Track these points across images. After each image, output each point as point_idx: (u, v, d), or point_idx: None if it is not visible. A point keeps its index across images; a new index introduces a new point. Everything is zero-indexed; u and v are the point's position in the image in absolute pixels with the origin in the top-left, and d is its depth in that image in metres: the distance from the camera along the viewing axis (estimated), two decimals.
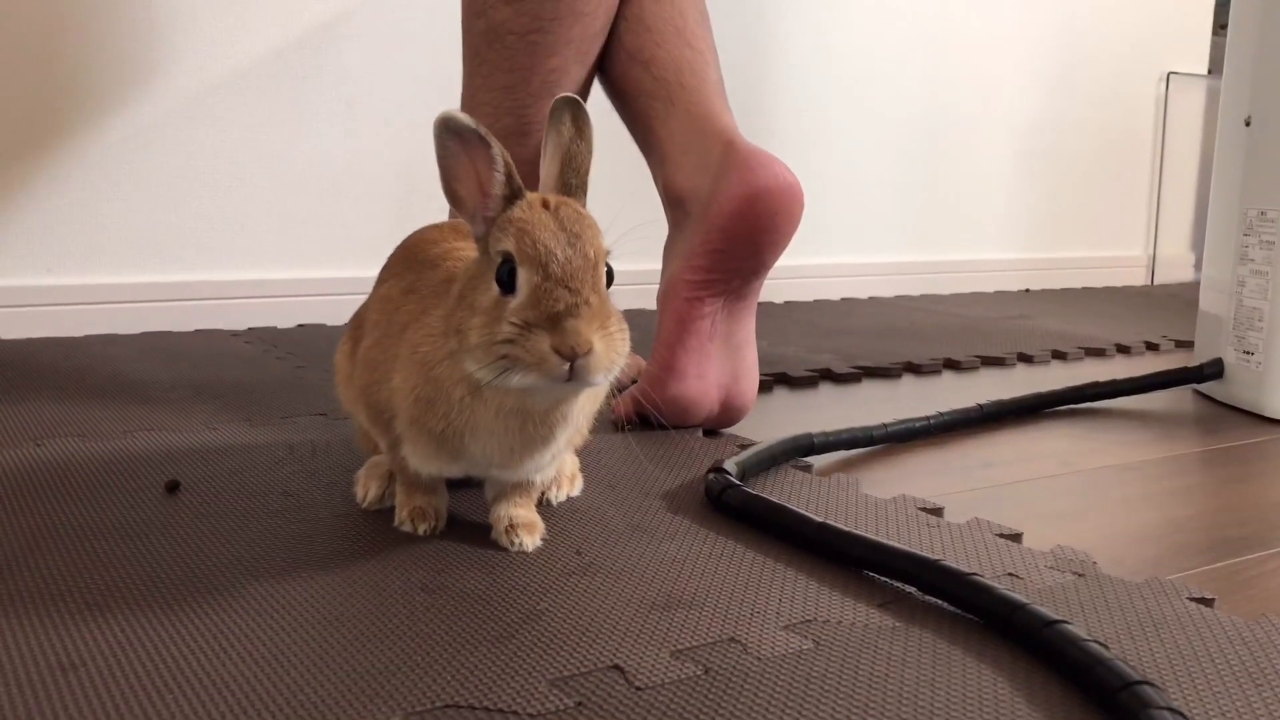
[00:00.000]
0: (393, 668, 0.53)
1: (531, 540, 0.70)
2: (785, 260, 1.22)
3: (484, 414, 0.63)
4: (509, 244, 0.60)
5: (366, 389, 0.72)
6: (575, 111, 0.66)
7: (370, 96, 1.61)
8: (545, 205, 0.62)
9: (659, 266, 1.05)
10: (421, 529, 0.72)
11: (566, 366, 0.57)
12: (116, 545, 0.68)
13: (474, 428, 0.64)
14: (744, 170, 0.94)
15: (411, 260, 0.74)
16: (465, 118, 0.59)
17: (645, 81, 1.02)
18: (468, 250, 0.70)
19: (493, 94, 1.00)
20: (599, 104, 1.08)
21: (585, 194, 0.65)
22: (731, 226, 0.94)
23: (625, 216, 0.66)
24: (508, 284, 0.59)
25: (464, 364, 0.61)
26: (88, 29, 1.42)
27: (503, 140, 0.99)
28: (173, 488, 0.80)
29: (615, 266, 0.64)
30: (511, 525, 0.70)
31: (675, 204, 1.01)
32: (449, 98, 1.05)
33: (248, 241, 1.56)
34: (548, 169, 0.65)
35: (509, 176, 0.61)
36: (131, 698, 0.49)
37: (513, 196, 0.61)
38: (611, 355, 0.59)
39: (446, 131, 0.60)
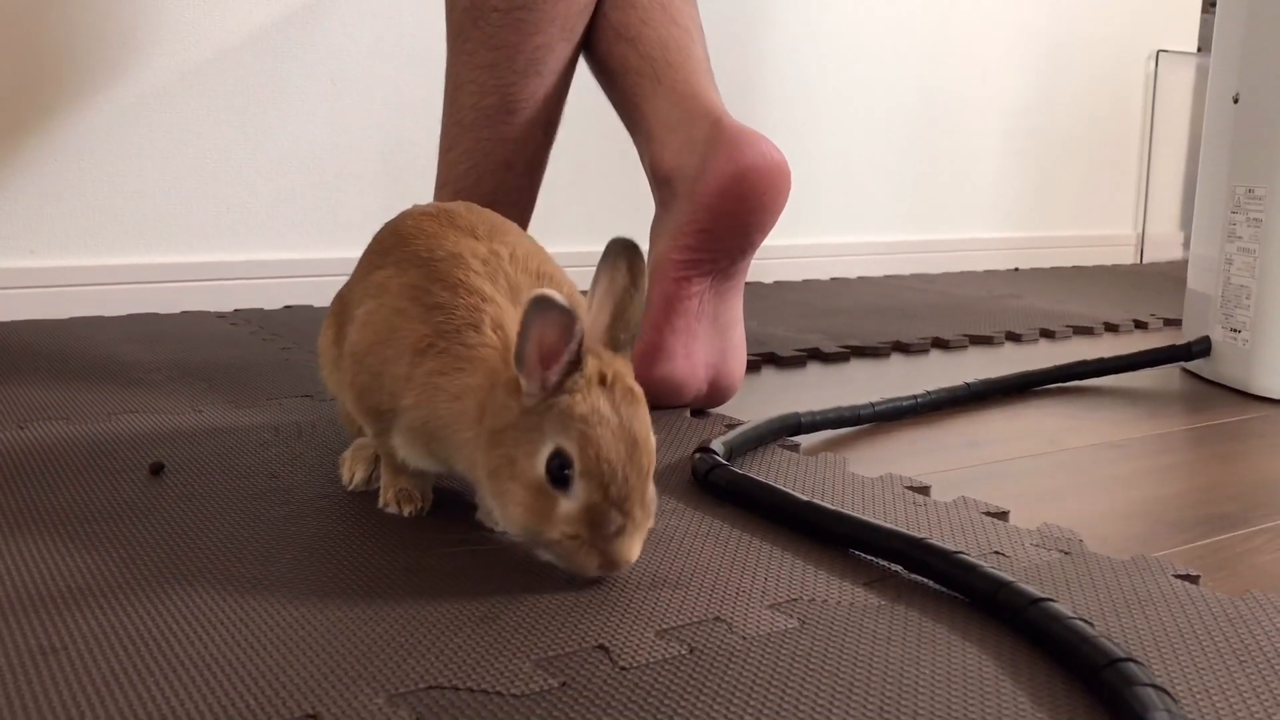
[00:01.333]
0: (377, 649, 0.53)
1: None
2: (774, 240, 1.22)
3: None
4: (570, 445, 0.59)
5: (362, 392, 0.71)
6: (632, 259, 0.63)
7: (355, 75, 1.60)
8: (602, 381, 0.60)
9: (645, 246, 1.05)
10: (407, 510, 0.72)
11: (602, 573, 0.61)
12: (100, 528, 0.68)
13: (469, 469, 0.66)
14: (731, 149, 0.93)
15: (412, 255, 0.72)
16: (558, 297, 0.57)
17: (631, 59, 1.01)
18: (475, 270, 0.69)
19: (477, 72, 0.99)
20: (585, 81, 1.07)
21: (633, 345, 0.64)
22: (718, 205, 0.94)
23: (612, 195, 0.66)
24: (559, 482, 0.59)
25: (498, 517, 0.64)
26: (69, 10, 1.41)
27: (487, 119, 1.00)
28: (157, 470, 0.79)
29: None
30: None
31: (662, 183, 1.00)
32: (434, 76, 1.04)
33: (233, 222, 1.55)
34: (596, 316, 0.63)
35: (579, 350, 0.59)
36: (114, 681, 0.49)
37: (574, 365, 0.60)
38: (635, 555, 0.61)
39: (540, 309, 0.58)
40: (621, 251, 0.63)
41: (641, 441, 0.60)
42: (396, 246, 0.74)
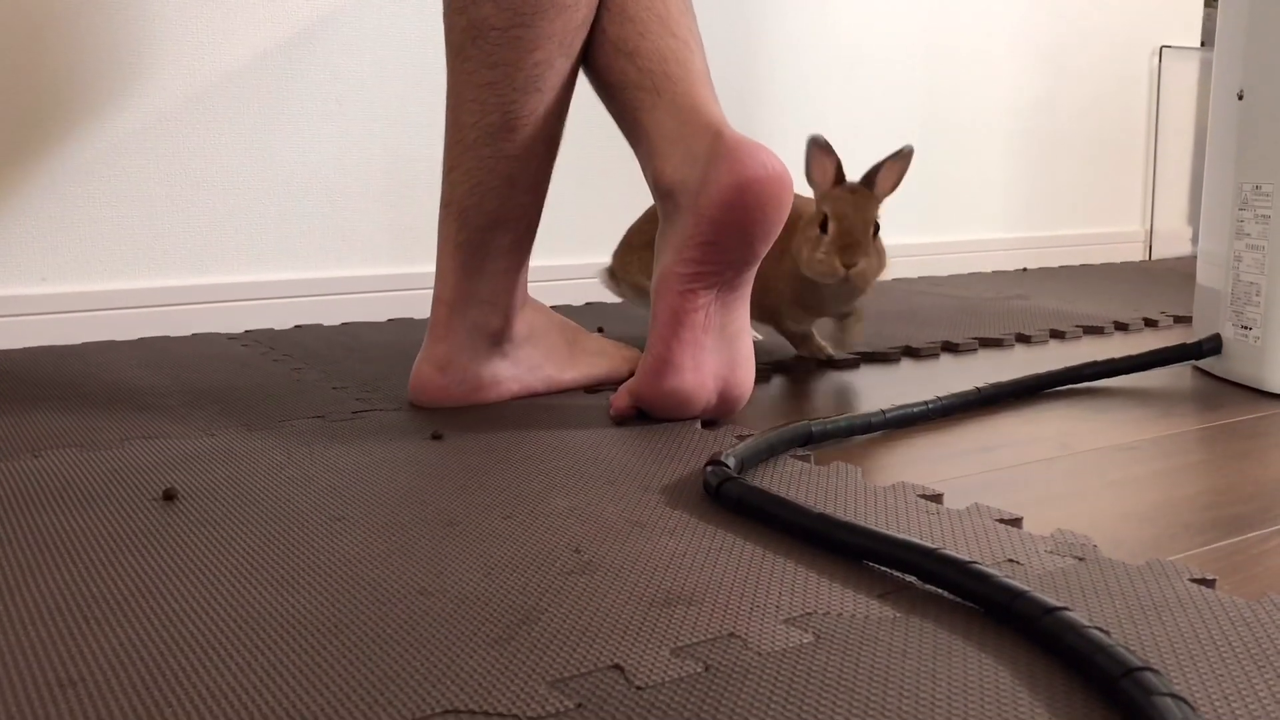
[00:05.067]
0: (392, 674, 0.53)
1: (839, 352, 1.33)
2: None
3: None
4: (827, 207, 1.17)
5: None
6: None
7: (359, 95, 1.61)
8: (850, 189, 1.19)
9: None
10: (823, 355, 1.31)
11: (844, 272, 1.17)
12: (114, 556, 0.68)
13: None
14: (731, 160, 0.93)
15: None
16: (824, 139, 1.16)
17: (630, 73, 1.01)
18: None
19: (478, 90, 0.99)
20: (586, 95, 1.07)
21: (873, 183, 1.21)
22: (721, 218, 0.94)
23: (616, 209, 0.66)
24: (823, 228, 1.17)
25: (798, 262, 1.20)
26: (73, 34, 1.42)
27: (489, 137, 1.01)
28: (170, 496, 0.80)
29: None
30: (818, 344, 1.34)
31: (665, 196, 1.00)
32: (437, 94, 1.05)
33: (242, 244, 1.56)
34: (870, 172, 1.20)
35: (838, 172, 1.19)
36: (131, 713, 0.49)
37: (837, 181, 1.19)
38: (871, 271, 1.19)
39: (812, 146, 1.18)
40: (904, 153, 1.24)
41: (865, 209, 1.18)
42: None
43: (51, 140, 1.43)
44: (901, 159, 1.20)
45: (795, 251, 1.18)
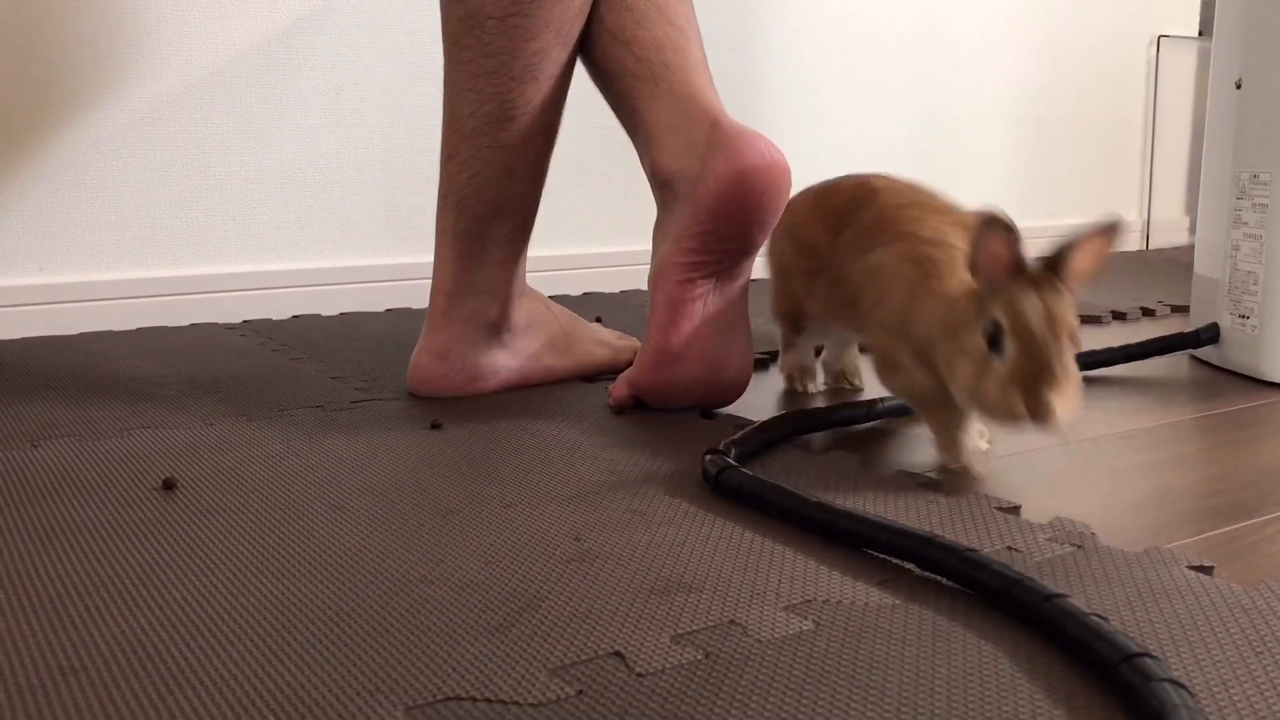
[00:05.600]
0: (393, 662, 0.53)
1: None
2: None
3: None
4: (1002, 315, 0.76)
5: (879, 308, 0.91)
6: (1112, 235, 0.79)
7: (357, 85, 1.61)
8: (1034, 283, 0.76)
9: (649, 248, 1.05)
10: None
11: (1033, 421, 0.75)
12: (114, 545, 0.68)
13: None
14: (729, 150, 0.93)
15: (888, 224, 0.93)
16: (1005, 217, 0.75)
17: (628, 62, 1.01)
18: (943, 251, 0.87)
19: (474, 80, 0.99)
20: (583, 85, 1.07)
21: (1063, 268, 0.77)
22: (719, 207, 0.94)
23: (614, 199, 0.66)
24: (994, 344, 0.76)
25: (952, 390, 0.82)
26: (70, 23, 1.41)
27: (486, 126, 1.00)
28: (170, 486, 0.80)
29: (616, 249, 0.66)
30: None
31: (663, 185, 1.00)
32: (435, 84, 1.04)
33: (240, 234, 1.55)
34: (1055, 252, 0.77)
35: (1019, 259, 0.76)
36: (133, 700, 0.50)
37: (1017, 271, 0.76)
38: (1068, 414, 0.75)
39: (989, 227, 0.76)
40: (1110, 227, 0.79)
41: (1059, 317, 0.75)
42: (876, 226, 0.94)
43: (48, 129, 1.42)
44: (1106, 235, 0.78)
45: (946, 365, 0.81)
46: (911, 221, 0.91)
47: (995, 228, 0.76)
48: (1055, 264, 0.77)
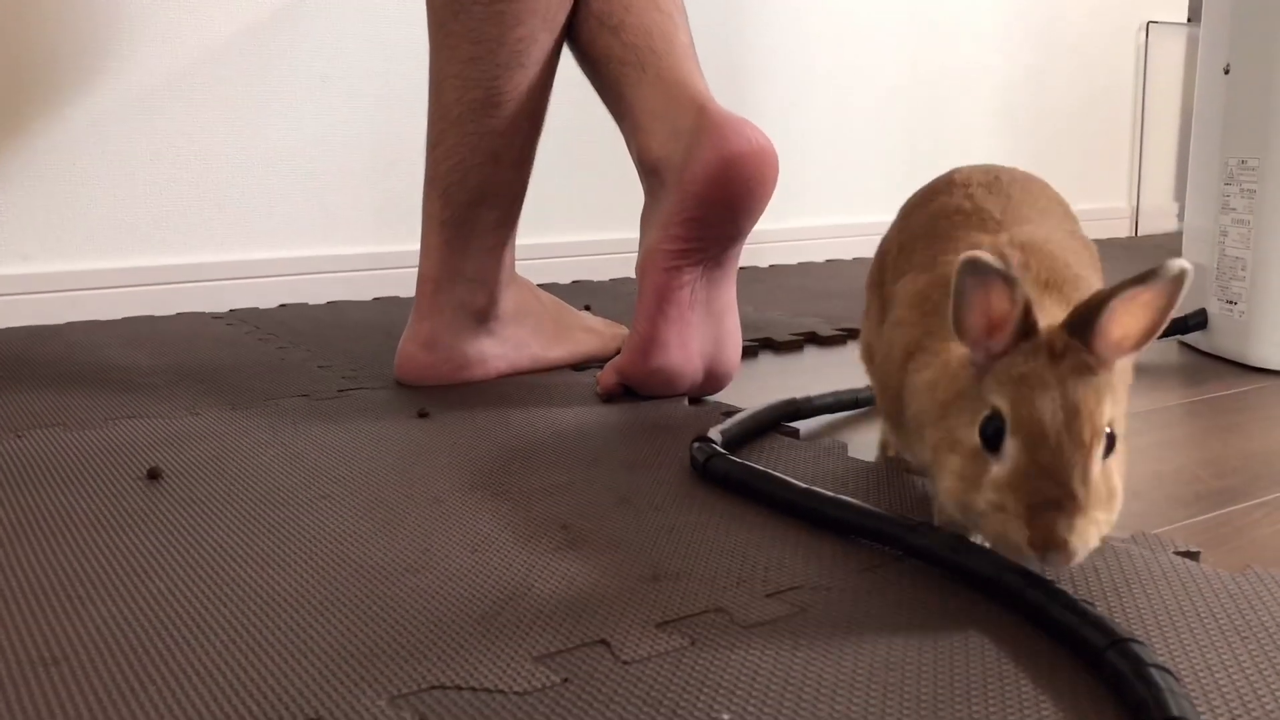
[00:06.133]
0: (378, 651, 0.53)
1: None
2: (769, 223, 1.21)
3: None
4: (1002, 402, 0.55)
5: (881, 399, 0.74)
6: (1174, 288, 0.56)
7: (344, 72, 1.60)
8: (1051, 352, 0.55)
9: (637, 235, 1.04)
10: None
11: (1037, 555, 0.54)
12: (98, 535, 0.68)
13: None
14: (716, 136, 0.93)
15: (928, 258, 0.71)
16: (991, 260, 0.54)
17: (615, 48, 1.01)
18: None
19: (460, 66, 0.98)
20: (572, 71, 1.06)
21: (1092, 332, 0.56)
22: (706, 194, 0.94)
23: (602, 186, 0.65)
24: (991, 443, 0.56)
25: (933, 487, 0.62)
26: (54, 11, 1.40)
27: (472, 113, 1.00)
28: (155, 475, 0.79)
29: (605, 236, 0.63)
30: None
31: (650, 172, 1.00)
32: (422, 70, 1.04)
33: (226, 222, 1.55)
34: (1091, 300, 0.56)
35: (1026, 316, 0.56)
36: (116, 691, 0.49)
37: (1026, 333, 0.56)
38: (1088, 544, 0.54)
39: (968, 273, 0.55)
40: (1173, 275, 0.55)
41: (1085, 412, 0.54)
42: (923, 237, 0.74)
43: (32, 118, 1.41)
44: (1161, 289, 0.55)
45: (931, 459, 0.61)
46: (946, 240, 0.71)
47: (984, 273, 0.54)
48: (1082, 327, 0.55)
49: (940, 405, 0.60)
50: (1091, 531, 0.54)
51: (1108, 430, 0.55)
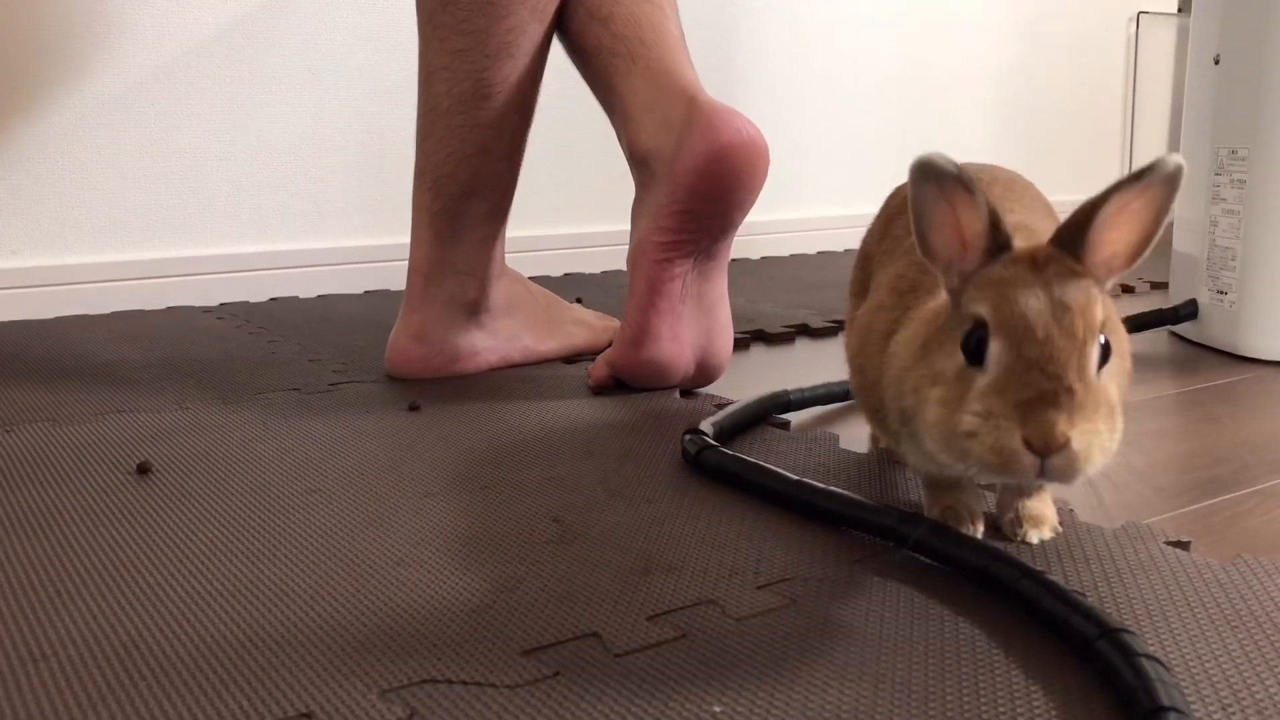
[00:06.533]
0: (368, 644, 0.53)
1: (1039, 534, 0.65)
2: (761, 215, 1.21)
3: None
4: (982, 308, 0.51)
5: (857, 394, 0.69)
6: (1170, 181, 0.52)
7: (333, 64, 1.59)
8: (1034, 261, 0.52)
9: (628, 228, 1.04)
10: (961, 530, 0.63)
11: (1037, 462, 0.49)
12: (87, 530, 0.68)
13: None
14: (706, 127, 0.93)
15: (909, 244, 0.66)
16: (945, 160, 0.50)
17: (604, 39, 1.00)
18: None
19: (449, 58, 0.98)
20: (560, 63, 1.06)
21: (1083, 243, 0.52)
22: (697, 185, 0.93)
23: (593, 177, 0.65)
24: (975, 355, 0.51)
25: (922, 440, 0.55)
26: (40, 5, 1.39)
27: (462, 105, 0.99)
28: (144, 470, 0.79)
29: (596, 229, 0.62)
30: (1018, 516, 0.65)
31: (640, 164, 1.00)
32: (412, 62, 1.03)
33: (216, 215, 1.54)
34: (1089, 213, 0.52)
35: (994, 226, 0.53)
36: (105, 687, 0.49)
37: (998, 249, 0.53)
38: (1093, 453, 0.49)
39: (923, 176, 0.51)
40: (1169, 172, 0.51)
41: (1076, 307, 0.50)
42: (904, 235, 0.70)
43: (19, 111, 1.40)
44: (1154, 183, 0.52)
45: (915, 405, 0.56)
46: None
47: (938, 178, 0.51)
48: (1070, 239, 0.53)
49: (919, 349, 0.56)
50: (1094, 442, 0.49)
51: (1101, 339, 0.51)
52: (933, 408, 0.53)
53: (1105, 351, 0.51)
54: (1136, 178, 0.51)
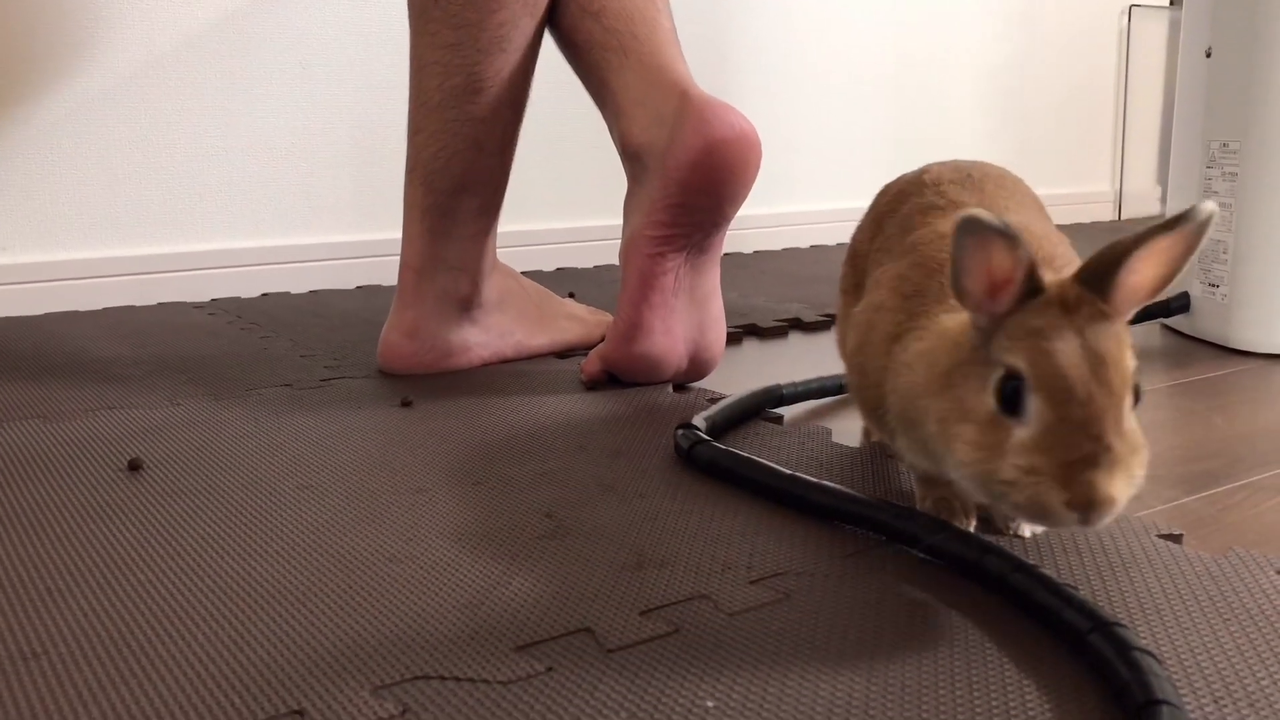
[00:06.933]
0: (361, 641, 0.53)
1: (1030, 527, 0.66)
2: (753, 209, 1.21)
3: None
4: (1019, 359, 0.52)
5: (855, 391, 0.69)
6: (1196, 230, 0.53)
7: (324, 59, 1.59)
8: (1064, 304, 0.52)
9: (620, 222, 1.04)
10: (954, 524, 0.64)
11: (1075, 516, 0.50)
12: (78, 527, 0.67)
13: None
14: (699, 121, 0.92)
15: (908, 245, 0.69)
16: (989, 218, 0.51)
17: (596, 33, 1.00)
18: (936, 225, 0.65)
19: (440, 52, 0.98)
20: (552, 57, 1.06)
21: (1110, 286, 0.53)
22: (689, 180, 0.93)
23: (586, 172, 0.65)
24: (1010, 406, 0.52)
25: (947, 467, 0.56)
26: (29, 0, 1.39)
27: (453, 99, 0.99)
28: (135, 466, 0.79)
29: (588, 224, 0.62)
30: None
31: (632, 158, 0.99)
32: (404, 57, 1.03)
33: (207, 211, 1.53)
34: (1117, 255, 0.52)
35: (1030, 275, 0.53)
36: (96, 685, 0.49)
37: (1031, 292, 0.53)
38: (1126, 498, 0.51)
39: (968, 231, 0.52)
40: (1202, 220, 0.52)
41: (1111, 360, 0.51)
42: (897, 235, 0.72)
43: (9, 107, 1.40)
44: (1182, 235, 0.52)
45: (939, 432, 0.56)
46: (923, 229, 0.69)
47: (982, 232, 0.51)
48: (1099, 278, 0.52)
49: (941, 376, 0.57)
50: (1127, 486, 0.51)
51: (1138, 383, 0.52)
52: (966, 449, 0.54)
53: (1137, 391, 0.53)
54: (1170, 226, 0.52)
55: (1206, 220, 0.52)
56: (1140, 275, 0.53)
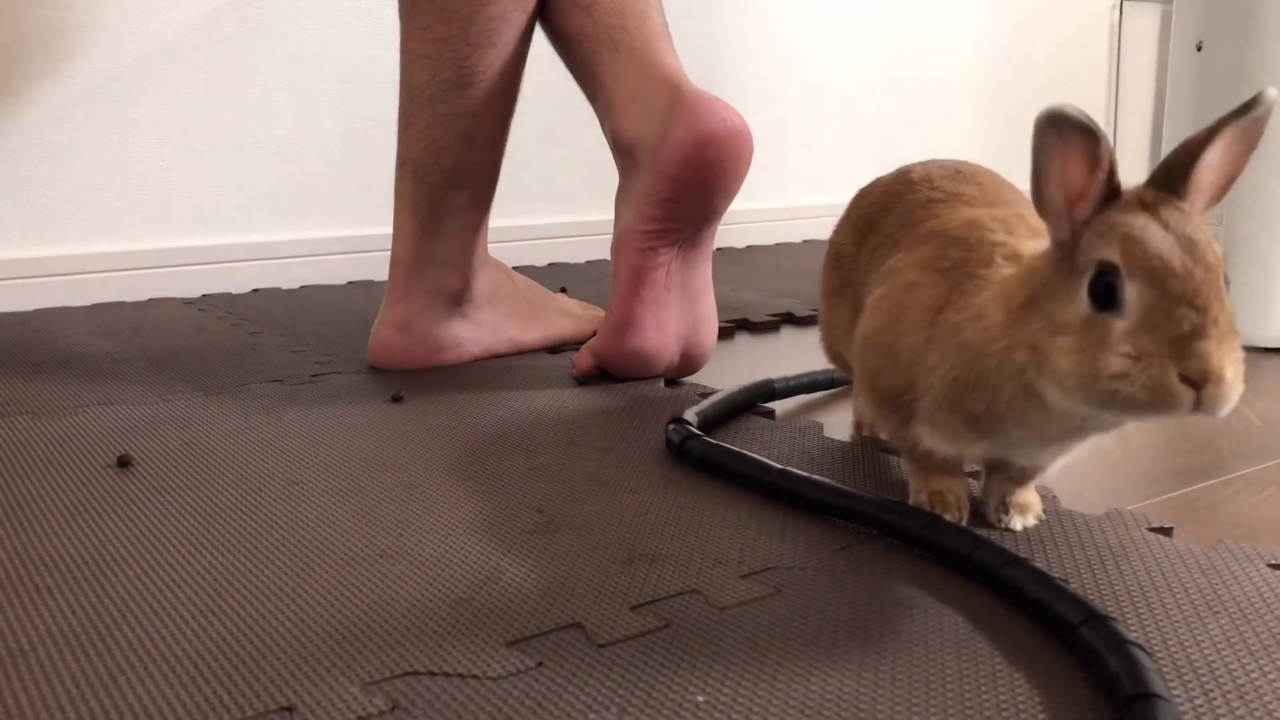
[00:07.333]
0: (350, 637, 0.53)
1: (1022, 521, 0.66)
2: (746, 203, 1.21)
3: (1034, 410, 0.57)
4: (1110, 253, 0.51)
5: (874, 377, 0.67)
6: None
7: (313, 54, 1.58)
8: (1143, 204, 0.52)
9: (612, 217, 1.04)
10: (947, 517, 0.64)
11: (1194, 395, 0.49)
12: (67, 524, 0.67)
13: (1020, 417, 0.58)
14: (690, 116, 0.92)
15: (925, 232, 0.68)
16: (1075, 110, 0.50)
17: (587, 26, 1.00)
18: (992, 229, 0.64)
19: (431, 46, 0.97)
20: (543, 51, 1.05)
21: (1186, 185, 0.53)
22: (680, 174, 0.93)
23: (577, 166, 0.65)
24: (1104, 299, 0.51)
25: (1044, 390, 0.54)
26: None
27: (444, 93, 0.99)
28: (125, 463, 0.78)
29: (580, 218, 0.62)
30: (1004, 503, 0.66)
31: (623, 152, 0.99)
32: (393, 52, 1.03)
33: (197, 207, 1.53)
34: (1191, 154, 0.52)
35: (1110, 174, 0.52)
36: (85, 682, 0.49)
37: (1109, 196, 0.53)
38: (1239, 382, 0.50)
39: (1050, 126, 0.51)
40: (1269, 105, 0.52)
41: (1203, 241, 0.50)
42: (900, 230, 0.71)
43: None
44: (1251, 120, 0.53)
45: (1031, 361, 0.55)
46: (933, 219, 0.69)
47: (1069, 128, 0.51)
48: (1175, 177, 0.53)
49: (1023, 306, 0.55)
50: (1239, 371, 0.50)
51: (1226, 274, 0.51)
52: (1065, 357, 0.52)
53: (1227, 282, 0.52)
54: (1238, 114, 0.52)
55: (1270, 107, 0.52)
56: (1212, 171, 0.53)
